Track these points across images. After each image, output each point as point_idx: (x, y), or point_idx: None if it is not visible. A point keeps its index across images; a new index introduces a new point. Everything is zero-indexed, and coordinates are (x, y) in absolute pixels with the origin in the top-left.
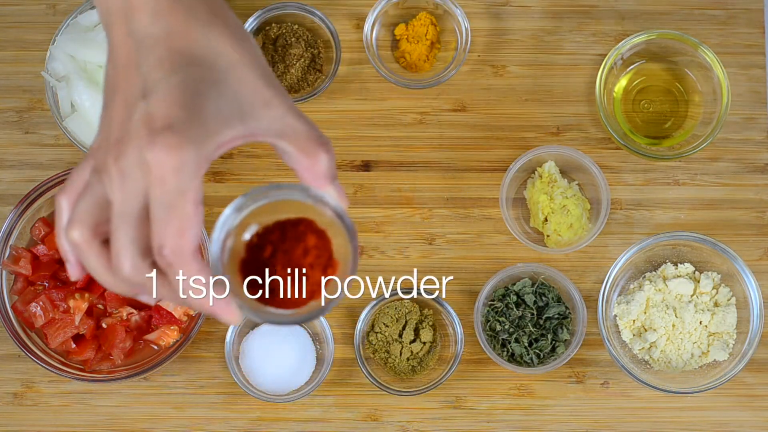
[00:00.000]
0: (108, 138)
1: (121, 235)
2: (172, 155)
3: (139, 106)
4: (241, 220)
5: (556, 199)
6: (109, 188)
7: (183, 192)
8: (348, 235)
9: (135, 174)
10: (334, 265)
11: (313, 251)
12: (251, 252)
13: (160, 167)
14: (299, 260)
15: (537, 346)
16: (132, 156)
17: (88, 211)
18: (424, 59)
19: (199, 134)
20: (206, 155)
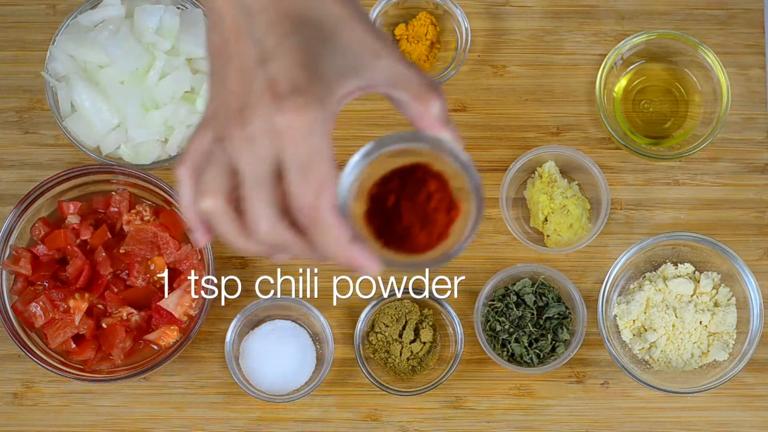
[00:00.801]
0: (227, 107)
1: (257, 200)
2: (302, 117)
3: (259, 72)
4: (360, 171)
5: (556, 199)
6: (236, 156)
7: (317, 152)
8: (469, 175)
9: (264, 139)
10: (457, 207)
11: (435, 195)
12: (374, 202)
13: (291, 131)
14: (423, 206)
15: (537, 346)
16: (259, 122)
17: (218, 179)
18: (424, 59)
19: (322, 92)
20: (331, 112)
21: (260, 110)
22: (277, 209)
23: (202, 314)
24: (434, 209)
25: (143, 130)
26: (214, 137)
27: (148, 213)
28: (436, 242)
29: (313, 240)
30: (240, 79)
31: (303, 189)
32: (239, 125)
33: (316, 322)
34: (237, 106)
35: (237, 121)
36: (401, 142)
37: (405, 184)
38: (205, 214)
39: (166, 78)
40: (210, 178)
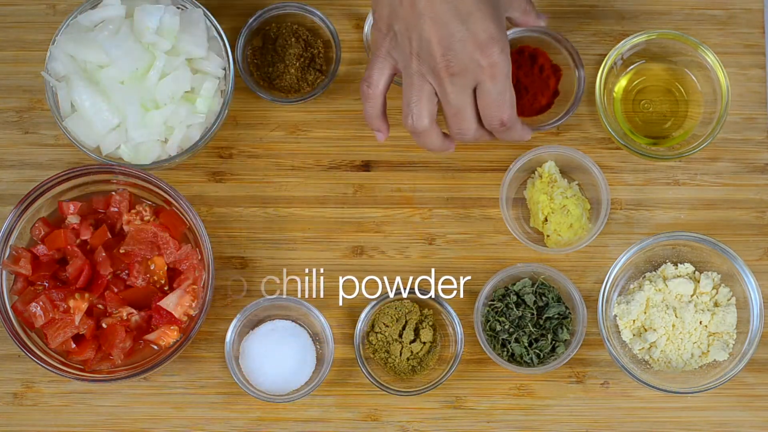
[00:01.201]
0: (430, 53)
1: (467, 115)
2: (499, 57)
3: (460, 27)
4: None
5: (556, 199)
6: (440, 87)
7: (509, 78)
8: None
9: (467, 75)
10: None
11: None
12: None
13: (491, 66)
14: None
15: (537, 346)
16: (463, 63)
17: (426, 103)
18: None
19: (505, 36)
20: (508, 48)
21: (464, 54)
22: (478, 119)
23: (202, 314)
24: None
25: (143, 130)
26: (414, 72)
27: (148, 213)
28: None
29: (502, 137)
30: (437, 31)
31: (503, 108)
32: (445, 66)
33: (316, 322)
34: (440, 52)
35: (443, 63)
36: None
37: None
38: (417, 130)
39: (166, 78)
40: (424, 105)
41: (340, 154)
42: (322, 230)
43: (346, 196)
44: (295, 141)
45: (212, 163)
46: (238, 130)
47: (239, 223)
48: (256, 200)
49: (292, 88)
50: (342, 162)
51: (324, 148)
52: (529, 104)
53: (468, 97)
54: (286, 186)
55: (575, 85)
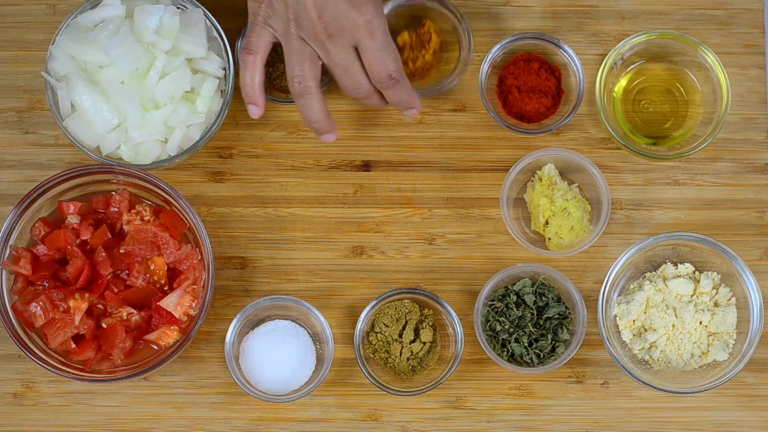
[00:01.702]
0: (307, 15)
1: (354, 73)
2: (374, 14)
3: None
4: None
5: (557, 202)
6: (322, 49)
7: (388, 34)
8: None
9: (344, 34)
10: None
11: None
12: None
13: (367, 23)
14: None
15: (537, 346)
16: (340, 23)
17: (312, 67)
18: (427, 67)
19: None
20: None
21: (339, 14)
22: (366, 76)
23: (202, 314)
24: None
25: (143, 130)
26: (293, 36)
27: (148, 213)
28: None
29: (391, 94)
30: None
31: (387, 62)
32: (322, 26)
33: (316, 322)
34: (316, 14)
35: (320, 23)
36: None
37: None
38: (304, 93)
39: (166, 78)
40: (308, 67)
41: (340, 154)
42: (322, 230)
43: (346, 196)
44: (295, 141)
45: (212, 163)
46: (238, 130)
47: (239, 223)
48: (256, 200)
49: None
50: (342, 162)
51: (324, 148)
52: (535, 108)
53: (351, 56)
54: (286, 186)
55: (575, 86)
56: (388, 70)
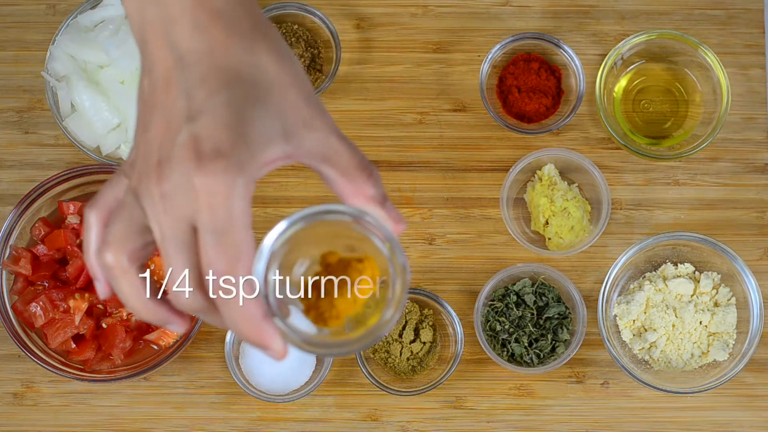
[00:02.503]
0: (147, 158)
1: (178, 263)
2: (221, 181)
3: (184, 128)
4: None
5: (557, 202)
6: (151, 212)
7: (234, 218)
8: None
9: (181, 199)
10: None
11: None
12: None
13: (209, 194)
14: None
15: (537, 346)
16: (177, 180)
17: (125, 234)
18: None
19: (245, 157)
20: (252, 177)
21: (180, 167)
22: (196, 275)
23: None
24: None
25: None
26: (130, 188)
27: None
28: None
29: (222, 311)
30: (165, 130)
31: (217, 256)
32: (157, 179)
33: None
34: (157, 159)
35: (156, 175)
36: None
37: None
38: (105, 268)
39: None
40: (116, 231)
41: None
42: None
43: None
44: None
45: None
46: None
47: None
48: (256, 200)
49: None
50: None
51: None
52: (535, 108)
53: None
54: (286, 186)
55: (575, 86)
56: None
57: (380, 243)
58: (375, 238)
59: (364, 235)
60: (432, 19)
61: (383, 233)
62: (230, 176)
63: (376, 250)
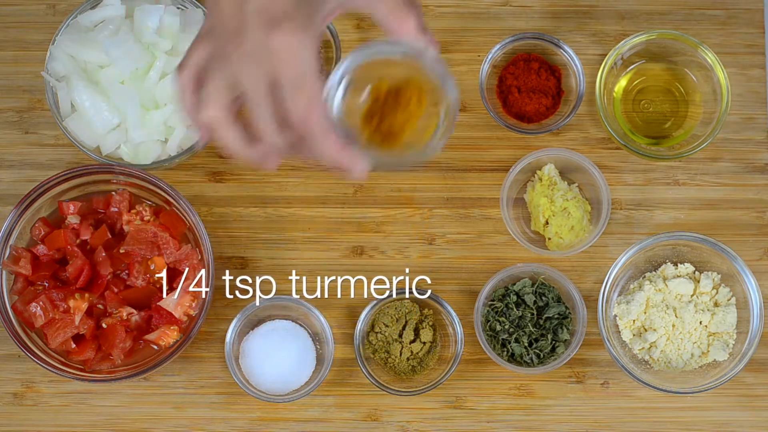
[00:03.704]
0: (223, 27)
1: (263, 111)
2: (293, 39)
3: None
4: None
5: (557, 202)
6: (236, 71)
7: (306, 70)
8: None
9: (260, 58)
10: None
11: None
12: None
13: (283, 51)
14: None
15: (537, 346)
16: (255, 42)
17: (219, 92)
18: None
19: (309, 14)
20: (317, 31)
21: (255, 32)
22: (278, 119)
23: (202, 314)
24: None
25: (143, 130)
26: (213, 55)
27: (148, 213)
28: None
29: (308, 146)
30: (233, 4)
31: (296, 104)
32: (236, 45)
33: (316, 322)
34: (233, 27)
35: (234, 41)
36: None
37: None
38: (209, 123)
39: (166, 78)
40: (212, 90)
41: None
42: (322, 230)
43: (346, 196)
44: None
45: (212, 163)
46: None
47: (239, 223)
48: (256, 200)
49: None
50: None
51: None
52: (535, 108)
53: (265, 87)
54: (286, 186)
55: (575, 86)
56: (295, 118)
57: (431, 74)
58: (426, 70)
59: (417, 66)
60: (432, 19)
61: (435, 67)
62: (299, 34)
63: (427, 80)
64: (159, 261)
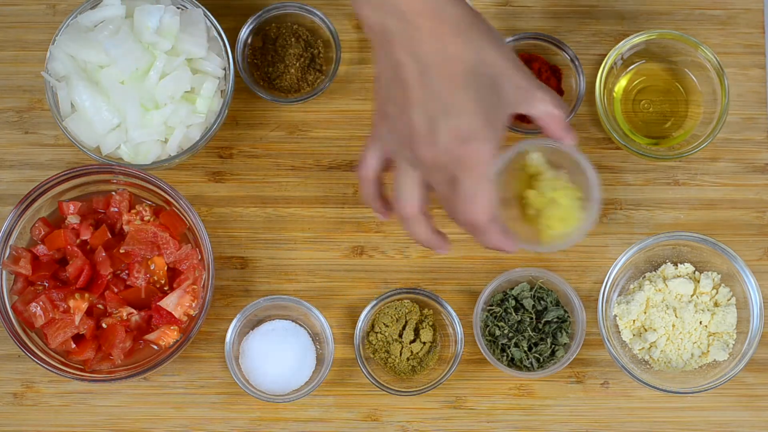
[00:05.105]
0: (414, 140)
1: (448, 209)
2: (478, 154)
3: (442, 120)
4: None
5: (545, 193)
6: (428, 175)
7: (484, 180)
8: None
9: (449, 167)
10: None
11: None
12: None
13: (469, 161)
14: None
15: (536, 350)
16: (446, 153)
17: (412, 191)
18: None
19: (492, 134)
20: (497, 144)
21: (447, 145)
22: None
23: (202, 314)
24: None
25: (143, 130)
26: (407, 160)
27: (148, 213)
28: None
29: (478, 237)
30: (425, 121)
31: (471, 208)
32: (431, 156)
33: (316, 322)
34: (425, 141)
35: (430, 153)
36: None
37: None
38: (405, 216)
39: (165, 78)
40: (409, 191)
41: (340, 154)
42: (322, 230)
43: (346, 196)
44: (295, 141)
45: (212, 163)
46: (238, 130)
47: (239, 223)
48: (256, 200)
49: (292, 88)
50: (342, 162)
51: (324, 148)
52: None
53: (450, 190)
54: (286, 186)
55: (575, 86)
56: (469, 217)
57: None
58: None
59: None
60: None
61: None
62: (483, 150)
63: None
64: (159, 261)
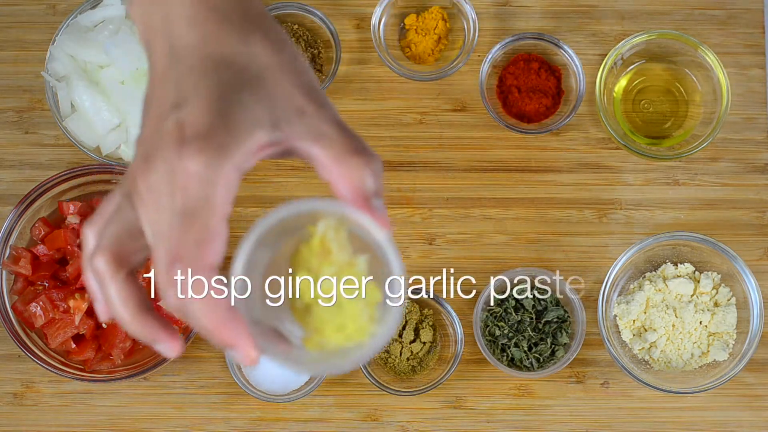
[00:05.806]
0: (139, 155)
1: (155, 258)
2: (198, 162)
3: (171, 116)
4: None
5: (323, 285)
6: (140, 209)
7: (209, 203)
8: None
9: (165, 189)
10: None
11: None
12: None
13: (184, 174)
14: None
15: (536, 350)
16: (162, 170)
17: (115, 236)
18: (429, 53)
19: (227, 140)
20: (237, 164)
21: (163, 155)
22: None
23: None
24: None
25: None
26: (123, 192)
27: None
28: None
29: (187, 304)
30: (154, 124)
31: (183, 239)
32: (143, 173)
33: None
34: (145, 153)
35: (143, 170)
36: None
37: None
38: (95, 275)
39: None
40: (107, 235)
41: None
42: None
43: None
44: None
45: None
46: None
47: (239, 223)
48: (256, 200)
49: None
50: None
51: None
52: (535, 108)
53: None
54: (286, 186)
55: (575, 86)
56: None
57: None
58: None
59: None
60: None
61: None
62: (208, 158)
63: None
64: None
